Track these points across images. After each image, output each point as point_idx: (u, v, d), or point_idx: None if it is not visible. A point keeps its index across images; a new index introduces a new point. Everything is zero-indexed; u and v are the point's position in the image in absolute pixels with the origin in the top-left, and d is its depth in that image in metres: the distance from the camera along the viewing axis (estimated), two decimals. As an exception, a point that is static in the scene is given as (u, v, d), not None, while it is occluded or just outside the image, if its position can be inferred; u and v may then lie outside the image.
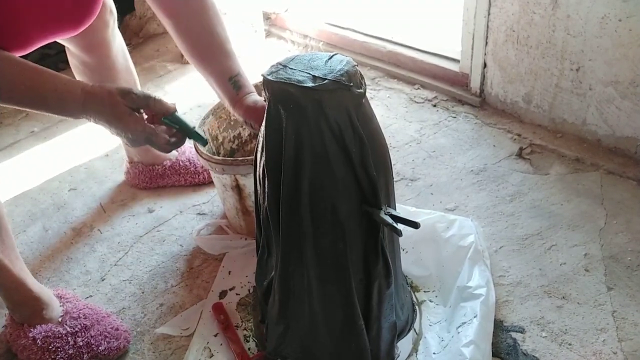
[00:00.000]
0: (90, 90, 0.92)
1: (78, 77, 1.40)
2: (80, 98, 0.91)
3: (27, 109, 0.98)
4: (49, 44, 1.07)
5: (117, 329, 1.18)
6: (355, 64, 0.85)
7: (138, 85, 1.49)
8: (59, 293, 1.23)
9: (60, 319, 1.17)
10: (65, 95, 0.92)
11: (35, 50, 1.03)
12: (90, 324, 1.17)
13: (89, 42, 1.30)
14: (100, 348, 1.14)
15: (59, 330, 1.14)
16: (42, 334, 1.13)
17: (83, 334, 1.15)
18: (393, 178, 0.98)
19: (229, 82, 1.10)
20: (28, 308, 1.15)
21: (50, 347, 1.12)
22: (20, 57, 0.95)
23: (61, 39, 1.20)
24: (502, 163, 1.59)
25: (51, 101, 0.92)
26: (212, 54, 1.12)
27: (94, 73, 1.36)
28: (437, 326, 1.14)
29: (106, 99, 0.92)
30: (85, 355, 1.13)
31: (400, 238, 0.98)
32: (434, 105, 1.87)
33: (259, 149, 0.93)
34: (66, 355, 1.12)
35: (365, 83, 0.86)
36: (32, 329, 1.14)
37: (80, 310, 1.19)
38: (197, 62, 1.13)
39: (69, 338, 1.14)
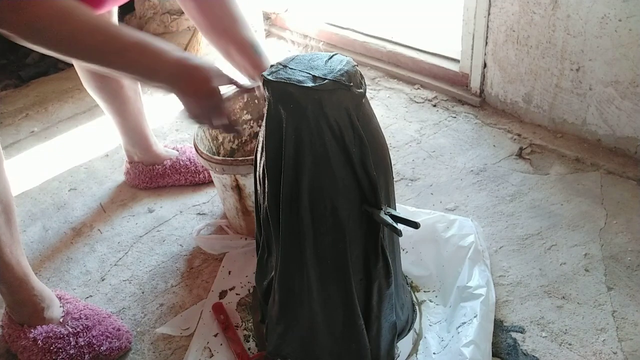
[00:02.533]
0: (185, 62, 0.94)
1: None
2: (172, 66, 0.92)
3: (96, 64, 0.93)
4: None
5: (118, 329, 1.17)
6: (355, 64, 0.85)
7: None
8: (58, 294, 1.22)
9: (61, 320, 1.17)
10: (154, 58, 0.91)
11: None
12: (91, 324, 1.16)
13: None
14: (102, 348, 1.13)
15: (60, 331, 1.14)
16: (43, 334, 1.12)
17: (85, 334, 1.15)
18: (393, 178, 0.98)
19: (251, 48, 1.15)
20: (29, 308, 1.14)
21: (51, 348, 1.11)
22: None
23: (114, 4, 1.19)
24: (502, 163, 1.59)
25: (138, 65, 0.91)
26: (233, 24, 1.16)
27: None
28: (437, 326, 1.14)
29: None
30: (86, 355, 1.12)
31: (400, 238, 0.98)
32: (434, 105, 1.87)
33: (259, 149, 0.93)
34: (67, 356, 1.11)
35: (365, 83, 0.86)
36: (32, 330, 1.13)
37: (81, 310, 1.19)
38: (218, 34, 1.16)
39: (71, 338, 1.13)
